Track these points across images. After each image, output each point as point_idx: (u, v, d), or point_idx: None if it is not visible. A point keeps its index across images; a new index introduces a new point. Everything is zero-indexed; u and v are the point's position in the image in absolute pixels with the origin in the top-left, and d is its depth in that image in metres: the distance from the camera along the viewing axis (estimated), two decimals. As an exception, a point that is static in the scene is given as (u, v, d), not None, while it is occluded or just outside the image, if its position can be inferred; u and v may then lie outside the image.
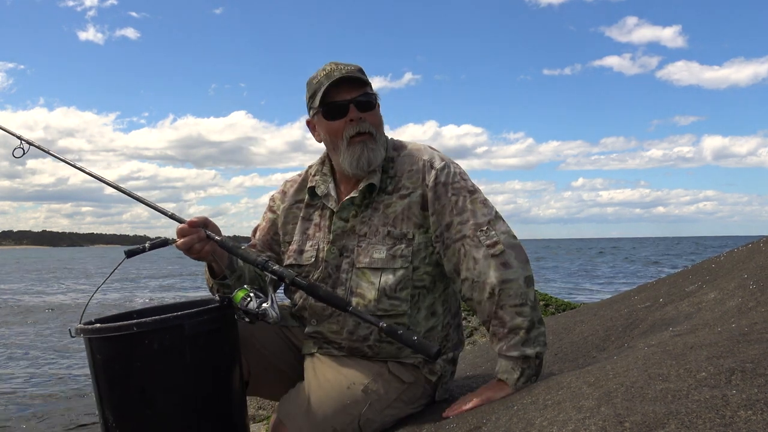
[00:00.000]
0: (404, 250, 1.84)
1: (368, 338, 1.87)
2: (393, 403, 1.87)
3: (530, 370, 1.72)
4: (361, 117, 1.86)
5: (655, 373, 1.37)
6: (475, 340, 5.01)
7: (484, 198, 1.87)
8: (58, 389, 7.37)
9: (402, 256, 1.83)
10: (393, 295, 1.83)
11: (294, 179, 2.12)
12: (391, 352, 1.89)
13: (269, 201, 2.15)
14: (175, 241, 1.80)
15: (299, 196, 2.06)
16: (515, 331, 1.72)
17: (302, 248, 1.98)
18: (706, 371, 1.31)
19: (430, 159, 1.90)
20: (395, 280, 1.83)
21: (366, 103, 1.88)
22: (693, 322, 2.10)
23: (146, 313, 1.88)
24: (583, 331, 2.79)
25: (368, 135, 1.86)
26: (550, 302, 5.44)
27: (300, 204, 2.05)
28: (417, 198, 1.86)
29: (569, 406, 1.31)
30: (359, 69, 1.89)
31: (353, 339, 1.88)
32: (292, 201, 2.07)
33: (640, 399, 1.22)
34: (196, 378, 1.65)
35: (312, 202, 2.02)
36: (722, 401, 1.13)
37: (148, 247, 1.79)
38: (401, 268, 1.83)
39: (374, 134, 1.88)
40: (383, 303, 1.82)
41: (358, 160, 1.86)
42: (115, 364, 1.63)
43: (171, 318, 1.62)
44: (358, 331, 1.87)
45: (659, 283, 3.55)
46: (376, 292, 1.82)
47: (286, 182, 2.15)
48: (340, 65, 1.88)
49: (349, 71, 1.86)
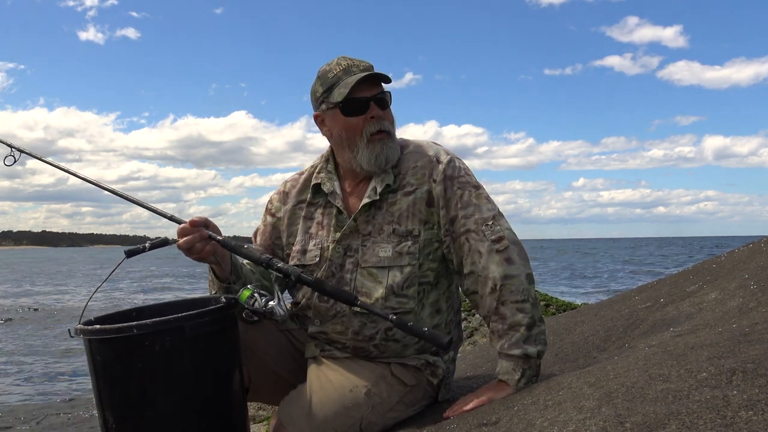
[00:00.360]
0: (411, 247, 1.84)
1: (374, 338, 1.87)
2: (395, 406, 1.87)
3: (531, 371, 1.73)
4: (381, 115, 1.87)
5: (655, 373, 1.37)
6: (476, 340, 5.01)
7: (487, 194, 1.88)
8: (55, 389, 7.38)
9: (409, 253, 1.84)
10: (400, 293, 1.83)
11: (294, 179, 2.10)
12: (396, 350, 1.89)
13: (267, 204, 2.13)
14: (175, 241, 1.79)
15: (302, 195, 2.04)
16: (516, 328, 1.73)
17: (305, 248, 1.97)
18: (707, 371, 1.31)
19: (436, 154, 1.90)
20: (403, 278, 1.83)
21: (384, 101, 1.89)
22: (694, 322, 2.10)
23: (145, 311, 1.88)
24: (583, 332, 2.79)
25: (386, 133, 1.88)
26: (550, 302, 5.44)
27: (302, 204, 2.03)
28: (422, 194, 1.86)
29: (570, 406, 1.32)
30: (372, 66, 1.89)
31: (358, 339, 1.88)
32: (294, 201, 2.05)
33: (641, 399, 1.23)
34: (197, 379, 1.65)
35: (314, 200, 2.01)
36: (723, 402, 1.14)
37: (149, 247, 1.79)
38: (408, 265, 1.83)
39: (391, 133, 1.89)
40: (391, 301, 1.82)
41: (377, 158, 1.86)
42: (115, 366, 1.63)
43: (172, 320, 1.61)
44: (363, 331, 1.87)
45: (660, 283, 3.55)
46: (384, 290, 1.82)
47: (286, 182, 2.12)
48: (356, 61, 1.88)
49: (368, 68, 1.87)
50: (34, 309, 16.91)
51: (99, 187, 2.05)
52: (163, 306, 1.93)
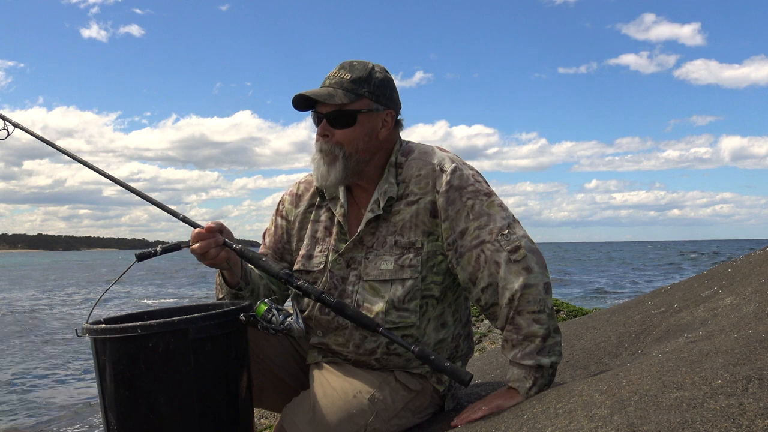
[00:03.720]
0: (413, 260, 1.83)
1: (375, 351, 1.87)
2: (400, 412, 1.87)
3: (543, 380, 1.72)
4: (327, 134, 1.87)
5: (669, 380, 1.37)
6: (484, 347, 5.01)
7: (500, 201, 1.84)
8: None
9: (411, 266, 1.82)
10: (401, 307, 1.82)
11: (308, 180, 2.09)
12: (398, 364, 1.89)
13: (279, 204, 2.12)
14: (188, 245, 1.79)
15: (314, 199, 2.04)
16: (530, 339, 1.71)
17: (311, 253, 1.97)
18: (722, 379, 1.31)
19: (440, 162, 1.87)
20: (404, 291, 1.82)
21: (337, 120, 1.86)
22: (709, 328, 2.10)
23: (156, 314, 1.89)
24: (595, 338, 2.79)
25: (326, 153, 1.87)
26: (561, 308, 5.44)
27: (313, 208, 2.03)
28: (426, 204, 1.84)
29: (581, 414, 1.32)
30: (354, 80, 1.85)
31: (360, 352, 1.88)
32: (306, 205, 2.05)
33: (654, 407, 1.23)
34: (202, 384, 1.65)
35: (322, 203, 2.01)
36: (739, 410, 1.14)
37: (160, 251, 1.80)
38: (410, 279, 1.82)
39: (336, 152, 1.86)
40: (391, 315, 1.82)
41: (316, 174, 1.89)
42: (119, 366, 1.64)
43: (176, 321, 1.62)
44: (364, 345, 1.87)
45: (674, 288, 3.54)
46: (384, 304, 1.82)
47: (299, 184, 2.11)
48: (339, 72, 1.87)
49: (338, 83, 1.85)
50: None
51: (107, 176, 2.00)
52: (177, 309, 1.94)
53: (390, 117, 1.93)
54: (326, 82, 1.88)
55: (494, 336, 5.18)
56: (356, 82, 1.86)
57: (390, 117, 1.93)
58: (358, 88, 1.86)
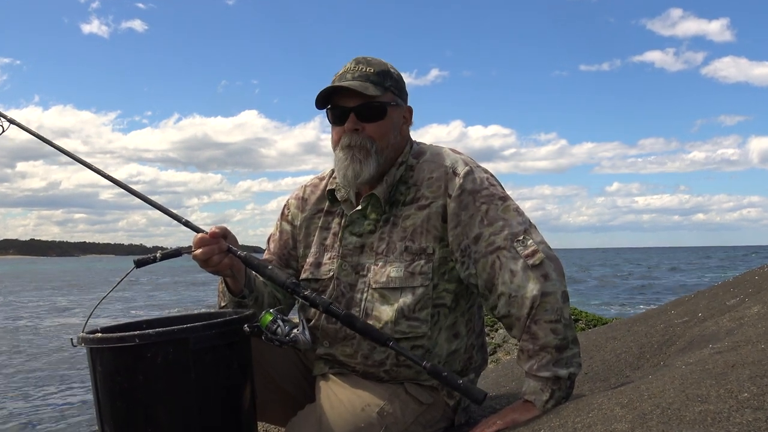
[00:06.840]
0: (424, 267, 1.82)
1: (384, 363, 1.86)
2: (410, 426, 1.86)
3: (561, 392, 1.70)
4: (358, 128, 1.85)
5: (693, 393, 1.36)
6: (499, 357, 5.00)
7: (516, 205, 1.83)
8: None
9: (422, 273, 1.81)
10: (411, 316, 1.81)
11: (314, 183, 2.08)
12: (408, 375, 1.88)
13: (284, 208, 2.12)
14: (189, 250, 1.79)
15: (321, 204, 2.03)
16: (546, 350, 1.70)
17: (320, 260, 1.97)
18: (748, 392, 1.30)
19: (453, 165, 1.86)
20: (414, 300, 1.81)
21: (368, 113, 1.85)
22: (735, 338, 2.09)
23: (155, 323, 1.89)
24: (615, 349, 2.78)
25: (359, 148, 1.85)
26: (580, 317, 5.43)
27: (320, 213, 2.02)
28: (438, 209, 1.83)
29: (600, 429, 1.31)
30: (378, 72, 1.86)
31: (368, 364, 1.88)
32: (314, 210, 2.04)
33: (677, 422, 1.22)
34: (202, 396, 1.65)
35: (332, 208, 2.00)
36: (766, 424, 1.13)
37: (160, 257, 1.79)
38: (421, 286, 1.81)
39: (369, 147, 1.85)
40: (401, 325, 1.81)
41: (344, 171, 1.86)
42: (116, 377, 1.64)
43: (176, 331, 1.62)
44: (373, 356, 1.86)
45: (698, 296, 3.53)
46: (394, 312, 1.81)
47: (306, 187, 2.10)
48: (359, 66, 1.87)
49: (362, 75, 1.84)
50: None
51: (107, 177, 2.00)
52: (177, 318, 1.94)
53: (409, 113, 1.95)
54: (348, 76, 1.86)
55: (509, 347, 5.17)
56: (380, 75, 1.87)
57: (409, 113, 1.95)
58: (384, 81, 1.87)
